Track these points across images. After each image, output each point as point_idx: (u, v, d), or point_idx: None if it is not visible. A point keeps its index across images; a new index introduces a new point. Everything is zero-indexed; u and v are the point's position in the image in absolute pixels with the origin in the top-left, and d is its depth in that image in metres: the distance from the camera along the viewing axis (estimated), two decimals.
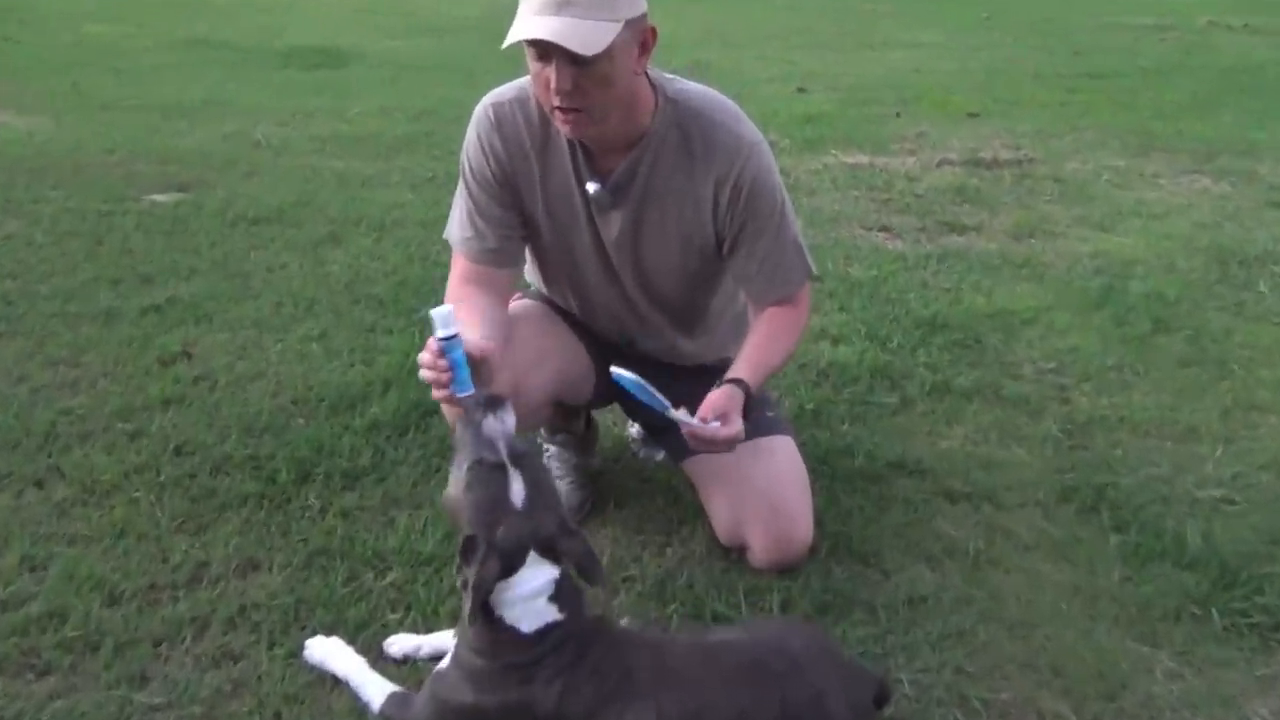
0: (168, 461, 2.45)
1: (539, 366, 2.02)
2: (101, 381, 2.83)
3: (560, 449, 2.36)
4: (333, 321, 3.25)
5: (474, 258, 1.97)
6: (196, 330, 3.15)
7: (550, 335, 2.09)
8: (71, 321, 3.18)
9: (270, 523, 2.25)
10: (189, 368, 2.91)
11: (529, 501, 1.53)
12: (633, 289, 2.04)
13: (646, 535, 2.26)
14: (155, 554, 2.15)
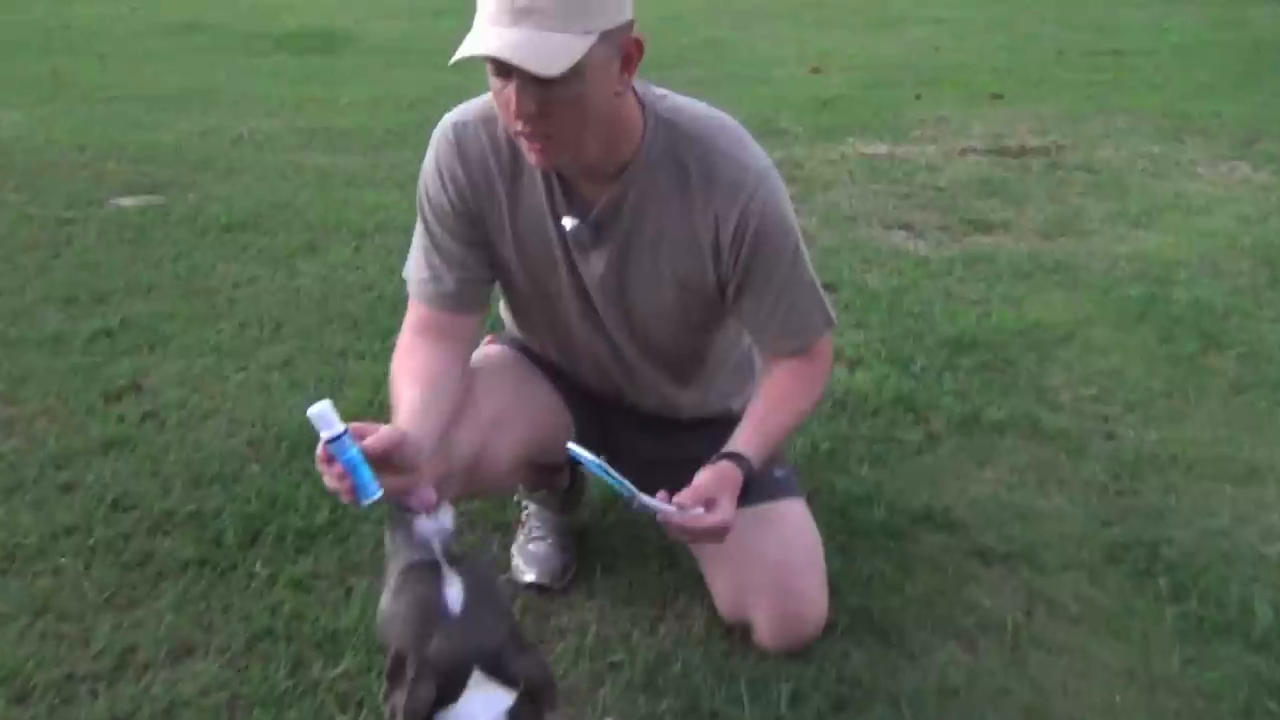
0: (101, 519, 2.20)
1: (508, 424, 1.75)
2: (39, 420, 2.58)
3: (539, 506, 2.10)
4: (300, 346, 3.00)
5: (431, 302, 1.70)
6: (149, 359, 2.90)
7: (521, 388, 1.83)
8: (13, 348, 2.94)
9: (210, 596, 2.00)
10: (137, 403, 2.66)
11: (470, 607, 1.26)
12: (620, 336, 1.77)
13: (638, 608, 2.00)
14: (77, 636, 1.90)
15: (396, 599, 1.26)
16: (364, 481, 1.33)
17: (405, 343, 1.68)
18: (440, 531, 1.30)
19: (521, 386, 1.83)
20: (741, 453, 1.62)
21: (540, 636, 1.91)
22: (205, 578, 2.04)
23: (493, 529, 2.20)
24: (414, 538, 1.29)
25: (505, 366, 1.85)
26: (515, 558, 2.07)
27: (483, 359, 1.83)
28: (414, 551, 1.28)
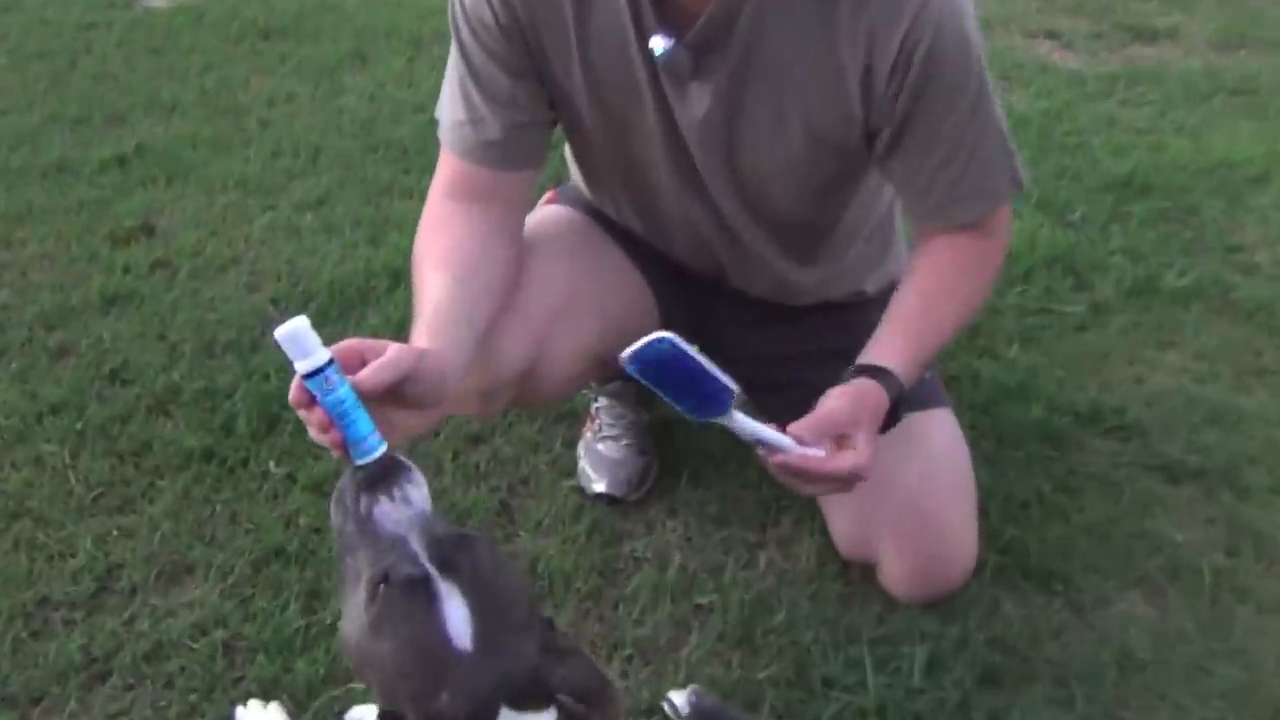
0: (95, 395, 1.88)
1: (573, 314, 1.35)
2: (34, 268, 2.25)
3: (612, 401, 1.72)
4: (338, 179, 2.60)
5: (468, 154, 1.28)
6: (165, 193, 2.53)
7: (590, 264, 1.41)
8: (14, 179, 2.59)
9: (214, 499, 1.68)
10: (147, 249, 2.31)
11: (483, 632, 0.89)
12: (725, 200, 1.33)
13: (732, 530, 1.63)
14: (56, 548, 1.60)
15: (376, 634, 0.88)
16: (358, 434, 0.94)
17: (433, 212, 1.26)
18: (417, 518, 0.91)
19: (590, 262, 1.41)
20: (887, 367, 1.19)
21: (608, 567, 1.56)
22: (210, 475, 1.72)
23: (554, 420, 1.83)
24: (378, 533, 0.90)
25: (569, 236, 1.43)
26: (581, 459, 1.71)
27: (538, 225, 1.41)
28: (384, 553, 0.90)
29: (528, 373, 1.29)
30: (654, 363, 1.07)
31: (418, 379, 0.99)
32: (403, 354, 0.98)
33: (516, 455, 1.76)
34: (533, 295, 1.30)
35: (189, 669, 1.41)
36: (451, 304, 1.12)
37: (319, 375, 0.93)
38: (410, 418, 1.01)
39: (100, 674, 1.42)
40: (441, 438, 1.78)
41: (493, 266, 1.22)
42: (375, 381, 0.94)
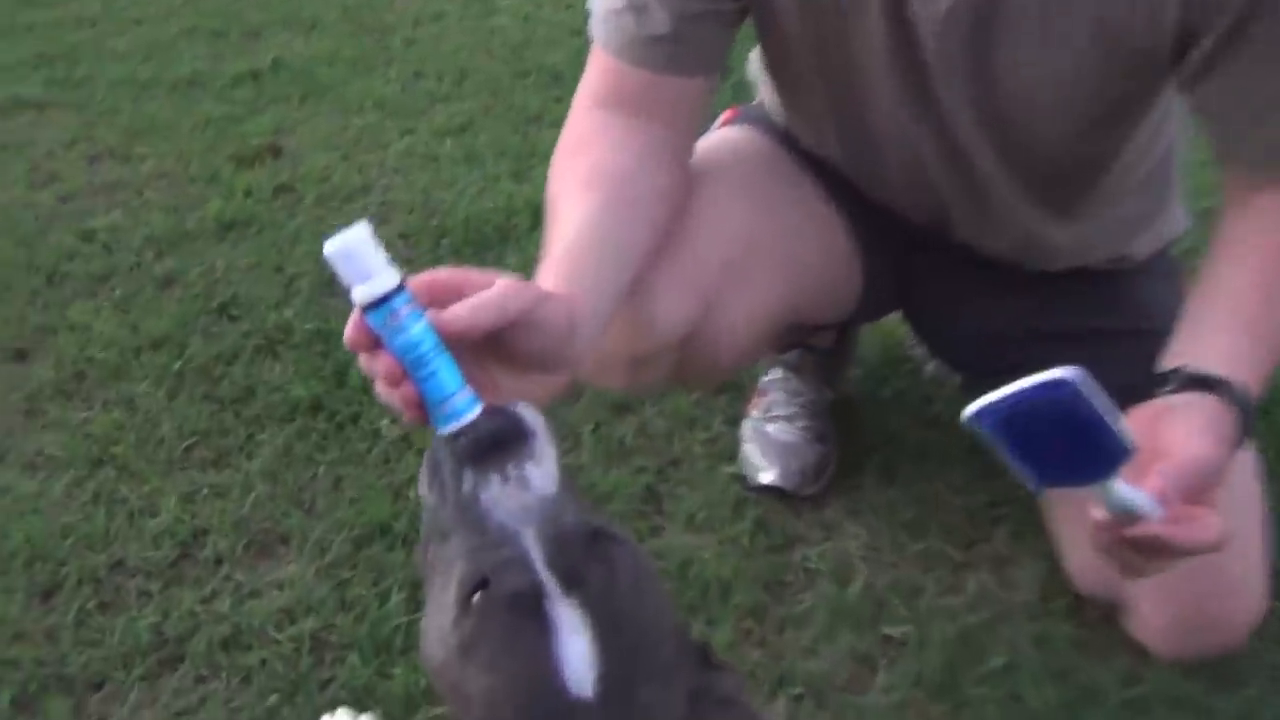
0: (200, 331, 1.69)
1: (750, 267, 1.05)
2: (151, 188, 2.09)
3: (787, 374, 1.43)
4: (484, 105, 2.37)
5: (624, 52, 1.00)
6: (296, 113, 2.34)
7: (777, 205, 1.10)
8: (142, 91, 2.45)
9: (317, 459, 1.46)
10: (272, 171, 2.12)
11: (611, 673, 0.63)
12: (965, 125, 1.00)
13: (930, 543, 1.33)
14: (138, 504, 1.41)
15: (466, 658, 0.63)
16: (440, 390, 0.67)
17: (577, 126, 0.98)
18: (535, 506, 0.65)
19: (777, 200, 1.10)
20: (1229, 380, 0.84)
21: (775, 577, 1.28)
22: (315, 431, 1.50)
23: (714, 392, 1.55)
24: (485, 521, 0.64)
25: (751, 165, 1.12)
26: (745, 442, 1.43)
27: (712, 151, 1.11)
28: (486, 549, 0.64)
29: (690, 338, 1.01)
30: (1031, 415, 0.71)
31: (535, 328, 0.71)
32: (514, 291, 0.70)
33: (668, 431, 1.49)
34: (701, 238, 1.01)
35: (270, 664, 1.20)
36: (593, 237, 0.84)
37: (384, 306, 0.66)
38: (522, 382, 0.74)
39: (170, 659, 1.21)
40: (581, 404, 1.52)
41: (651, 196, 0.93)
42: (468, 323, 0.67)
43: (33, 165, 2.15)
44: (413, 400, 0.67)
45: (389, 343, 0.67)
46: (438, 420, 0.68)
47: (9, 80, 2.49)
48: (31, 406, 1.56)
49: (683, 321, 0.99)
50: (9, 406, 1.56)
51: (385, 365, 0.66)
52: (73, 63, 2.58)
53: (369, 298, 0.66)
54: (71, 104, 2.38)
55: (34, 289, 1.79)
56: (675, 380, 1.10)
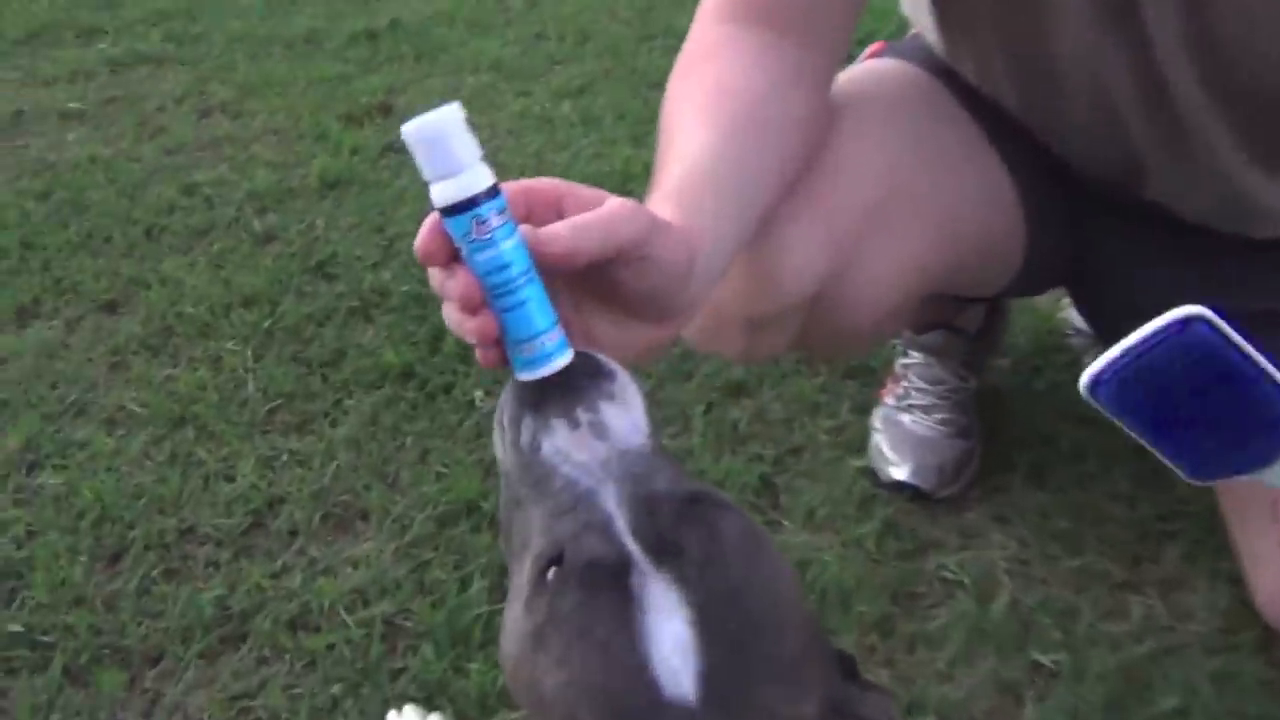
0: (293, 290, 1.61)
1: (896, 216, 0.89)
2: (258, 143, 2.02)
3: (927, 358, 1.27)
4: (605, 68, 2.25)
5: None
6: (410, 72, 2.27)
7: (929, 145, 0.94)
8: (257, 48, 2.39)
9: (403, 431, 1.36)
10: (380, 130, 2.04)
11: (717, 669, 0.49)
12: (1170, 47, 0.83)
13: (1087, 559, 1.16)
14: (215, 467, 1.32)
15: (539, 648, 0.50)
16: (528, 325, 0.54)
17: (700, 41, 0.84)
18: (616, 459, 0.52)
19: (930, 140, 0.94)
20: None
21: (906, 587, 1.13)
22: (405, 399, 1.40)
23: (841, 374, 1.40)
24: (551, 479, 0.52)
25: (902, 99, 0.95)
26: (876, 433, 1.27)
27: (857, 82, 0.95)
28: (561, 516, 0.51)
29: (822, 296, 0.86)
30: (1159, 373, 0.56)
31: (648, 263, 0.57)
32: (627, 214, 0.56)
33: (788, 417, 1.34)
34: (840, 179, 0.86)
35: (338, 649, 1.09)
36: (716, 165, 0.70)
37: (469, 212, 0.53)
38: (621, 329, 0.61)
39: (233, 637, 1.12)
40: (692, 383, 1.38)
41: (785, 122, 0.79)
42: (569, 247, 0.54)
43: (142, 119, 2.11)
44: (490, 333, 0.54)
45: (470, 258, 0.54)
46: (519, 363, 0.55)
47: (128, 36, 2.47)
48: (117, 360, 1.49)
49: (814, 275, 0.84)
50: (95, 359, 1.49)
51: (463, 285, 0.53)
52: (190, 19, 2.54)
53: (452, 199, 0.53)
54: (187, 60, 2.34)
55: (131, 241, 1.73)
56: (799, 349, 0.95)
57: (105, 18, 2.57)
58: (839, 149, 0.85)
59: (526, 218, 0.55)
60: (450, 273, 0.54)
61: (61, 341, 1.53)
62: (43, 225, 1.76)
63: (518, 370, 0.56)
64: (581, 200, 0.57)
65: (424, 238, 0.54)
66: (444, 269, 0.54)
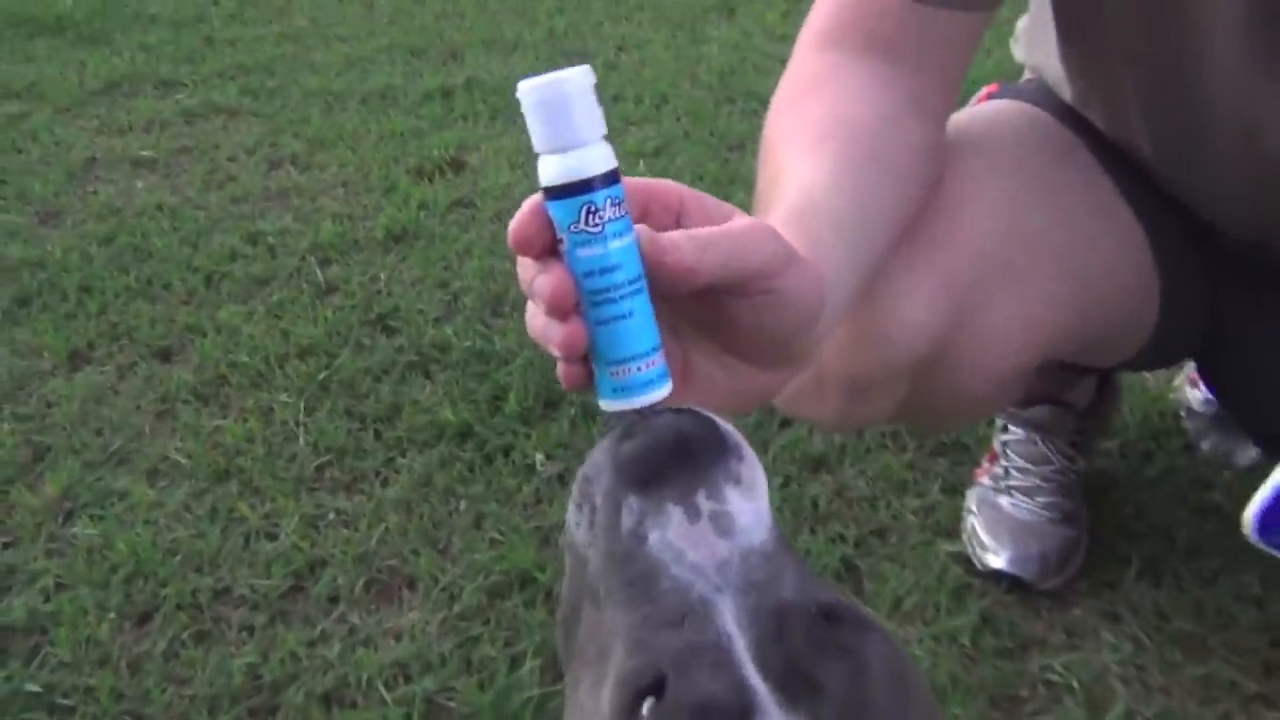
0: (351, 343, 1.54)
1: (1021, 272, 0.80)
2: (325, 195, 1.98)
3: (1031, 434, 1.17)
4: (683, 130, 2.19)
5: None
6: (484, 130, 2.23)
7: (1058, 197, 0.85)
8: (333, 101, 2.37)
9: (460, 494, 1.28)
10: (451, 185, 1.99)
11: None
12: None
13: (1213, 667, 1.04)
14: (258, 524, 1.25)
15: None
16: (628, 344, 0.47)
17: (802, 70, 0.76)
18: (739, 561, 0.42)
19: (1059, 191, 0.85)
20: None
21: (1006, 690, 1.01)
22: (461, 460, 1.32)
23: (930, 449, 1.30)
24: (658, 580, 0.42)
25: (1026, 144, 0.87)
26: (971, 515, 1.17)
27: (979, 122, 0.87)
28: (664, 628, 0.41)
29: (936, 357, 0.77)
30: None
31: (775, 297, 0.49)
32: (761, 237, 0.48)
33: (873, 495, 1.25)
34: (960, 224, 0.77)
35: None
36: (832, 199, 0.61)
37: (581, 197, 0.45)
38: (730, 372, 0.53)
39: (263, 709, 1.03)
40: (768, 455, 1.29)
41: (903, 154, 0.70)
42: (690, 263, 0.46)
43: (212, 168, 2.09)
44: (578, 345, 0.46)
45: (571, 252, 0.46)
46: (608, 387, 0.48)
47: (205, 88, 2.47)
48: (166, 408, 1.44)
49: (930, 330, 0.75)
50: (144, 407, 1.44)
51: (555, 283, 0.45)
52: (268, 73, 2.53)
53: (564, 177, 0.45)
54: (261, 112, 2.33)
55: (190, 288, 1.69)
56: (900, 419, 0.86)
57: (185, 71, 2.58)
58: (958, 192, 0.77)
59: (641, 219, 0.48)
60: (544, 266, 0.46)
61: (111, 387, 1.48)
62: (103, 270, 1.73)
63: (605, 396, 0.48)
64: (706, 211, 0.49)
65: (522, 219, 0.46)
66: (538, 261, 0.46)
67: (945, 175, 0.78)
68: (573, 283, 0.46)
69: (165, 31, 2.87)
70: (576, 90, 0.45)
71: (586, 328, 0.46)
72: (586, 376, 0.48)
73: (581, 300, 0.46)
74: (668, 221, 0.49)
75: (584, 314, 0.46)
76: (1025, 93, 0.91)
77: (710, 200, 0.50)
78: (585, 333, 0.46)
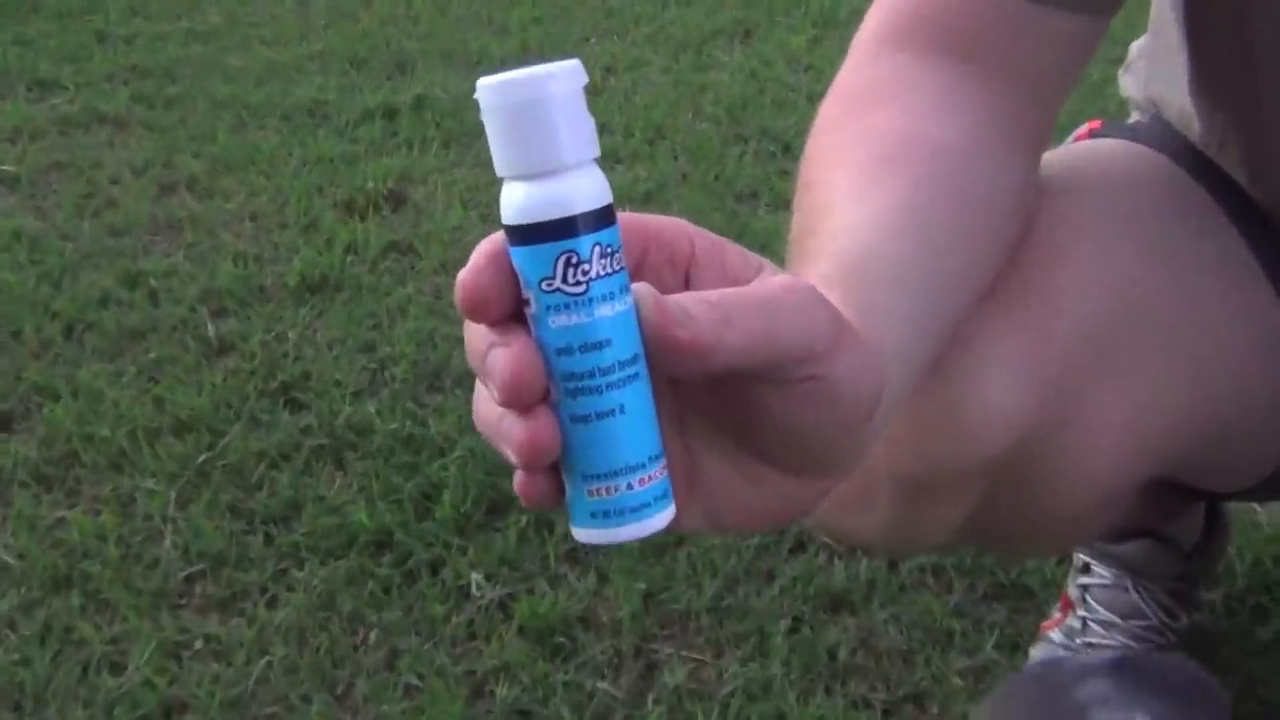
0: (248, 416, 1.50)
1: (1140, 351, 0.74)
2: (228, 230, 1.99)
3: (1120, 575, 1.12)
4: (680, 172, 2.18)
5: None
6: (435, 158, 2.28)
7: (1180, 255, 0.79)
8: (244, 117, 2.38)
9: (371, 620, 1.22)
10: (387, 224, 2.01)
11: None
12: None
13: None
14: (103, 649, 1.18)
15: None
16: (614, 455, 0.42)
17: (862, 74, 0.72)
18: None
19: (1187, 254, 0.79)
20: None
21: None
22: (374, 578, 1.27)
23: (984, 592, 1.23)
24: None
25: (1143, 198, 0.81)
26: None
27: (1080, 168, 0.82)
28: None
29: (1020, 461, 0.71)
30: None
31: (825, 385, 0.44)
32: (802, 301, 0.43)
33: (908, 648, 1.19)
34: (1058, 290, 0.72)
35: None
36: (898, 243, 0.57)
37: (560, 244, 0.40)
38: (753, 481, 0.47)
39: None
40: (773, 588, 1.22)
41: (993, 191, 0.66)
42: (708, 337, 0.41)
43: (88, 190, 2.07)
44: (544, 449, 0.41)
45: (541, 318, 0.41)
46: (584, 509, 0.43)
47: (89, 92, 2.47)
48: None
49: (1017, 422, 0.69)
50: None
51: (517, 361, 0.40)
52: (169, 78, 2.53)
53: (537, 214, 0.40)
54: (157, 125, 2.31)
55: (45, 338, 1.64)
56: (965, 538, 0.80)
57: (67, 71, 2.58)
58: (1057, 245, 0.72)
59: (637, 274, 0.43)
60: (502, 337, 0.41)
61: None
62: None
63: (580, 521, 0.43)
64: (727, 265, 0.44)
65: (476, 270, 0.41)
66: (495, 328, 0.41)
67: (1039, 224, 0.73)
68: (541, 362, 0.41)
69: (48, 23, 2.90)
70: (560, 93, 0.40)
71: (558, 425, 0.41)
72: (554, 491, 0.43)
73: (553, 386, 0.41)
74: (672, 278, 0.44)
75: (555, 405, 0.42)
76: (1140, 132, 0.87)
77: (732, 248, 0.45)
78: (556, 432, 0.41)
